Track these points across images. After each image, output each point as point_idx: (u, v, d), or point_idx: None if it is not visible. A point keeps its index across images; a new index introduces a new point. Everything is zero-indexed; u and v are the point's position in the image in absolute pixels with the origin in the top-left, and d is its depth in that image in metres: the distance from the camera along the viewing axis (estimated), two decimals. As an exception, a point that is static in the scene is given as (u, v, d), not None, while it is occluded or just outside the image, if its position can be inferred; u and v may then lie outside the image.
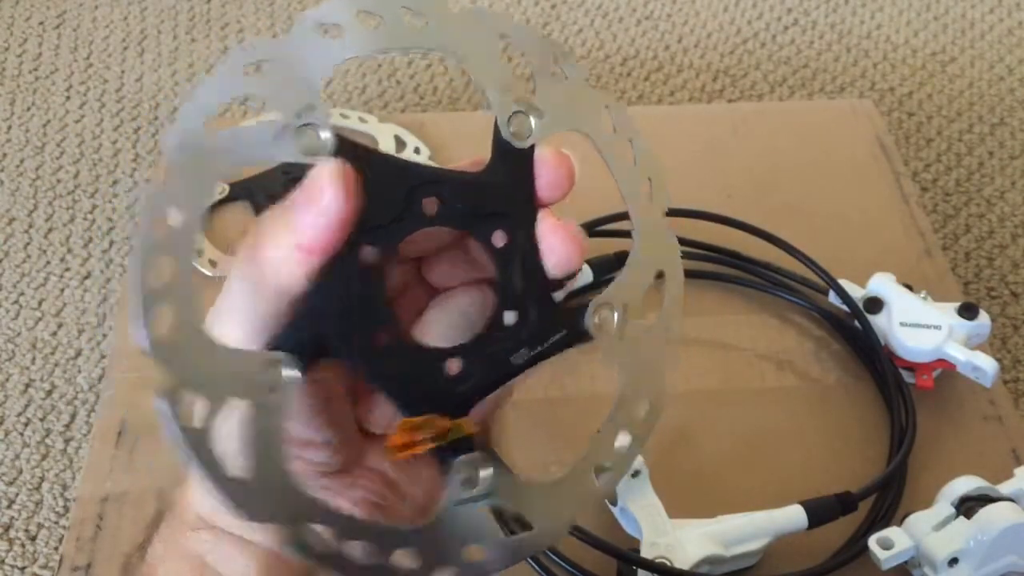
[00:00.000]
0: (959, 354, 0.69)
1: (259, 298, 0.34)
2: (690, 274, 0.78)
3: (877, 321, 0.72)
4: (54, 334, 0.92)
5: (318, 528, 0.33)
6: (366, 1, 0.34)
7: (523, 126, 0.36)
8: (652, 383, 0.38)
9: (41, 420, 0.86)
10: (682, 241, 0.79)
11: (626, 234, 0.36)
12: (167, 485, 0.40)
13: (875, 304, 0.72)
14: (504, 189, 0.36)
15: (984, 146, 1.12)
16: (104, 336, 0.92)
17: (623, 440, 0.37)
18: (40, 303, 0.95)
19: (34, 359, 0.90)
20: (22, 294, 0.96)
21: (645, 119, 1.00)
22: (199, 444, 0.32)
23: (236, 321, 0.34)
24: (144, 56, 1.23)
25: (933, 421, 0.70)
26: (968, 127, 1.14)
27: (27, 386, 0.88)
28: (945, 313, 0.71)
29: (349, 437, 0.38)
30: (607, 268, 0.74)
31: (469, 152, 0.37)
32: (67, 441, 0.84)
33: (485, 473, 0.36)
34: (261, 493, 0.32)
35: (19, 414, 0.86)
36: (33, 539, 0.79)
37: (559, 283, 0.37)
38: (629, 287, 0.37)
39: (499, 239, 0.36)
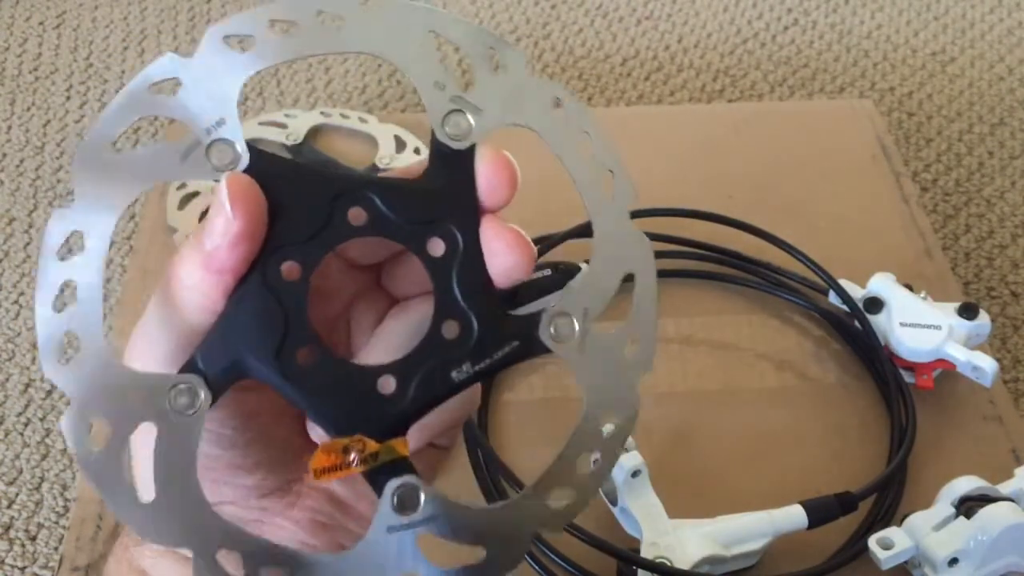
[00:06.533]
0: (959, 354, 0.69)
1: (173, 323, 0.33)
2: (690, 274, 0.78)
3: (877, 321, 0.72)
4: (54, 334, 0.92)
5: (233, 555, 0.32)
6: (277, 9, 0.33)
7: (460, 126, 0.33)
8: (621, 397, 0.34)
9: (41, 420, 0.86)
10: (683, 241, 0.80)
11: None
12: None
13: (875, 304, 0.72)
14: (442, 195, 0.34)
15: (984, 146, 1.12)
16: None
17: (588, 461, 0.34)
18: (40, 303, 0.95)
19: (34, 359, 0.90)
20: (22, 294, 0.96)
21: (645, 119, 1.00)
22: (104, 468, 0.31)
23: (151, 348, 0.33)
24: (144, 56, 1.23)
25: (933, 421, 0.70)
26: (968, 127, 1.14)
27: (27, 386, 0.88)
28: (945, 313, 0.71)
29: (284, 455, 0.37)
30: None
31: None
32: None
33: (424, 497, 0.33)
34: (169, 518, 0.32)
35: (19, 414, 0.86)
36: (33, 539, 0.79)
37: (511, 294, 0.34)
38: (590, 293, 0.34)
39: (436, 248, 0.34)
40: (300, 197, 0.33)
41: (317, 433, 0.35)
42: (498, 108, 0.34)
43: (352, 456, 0.33)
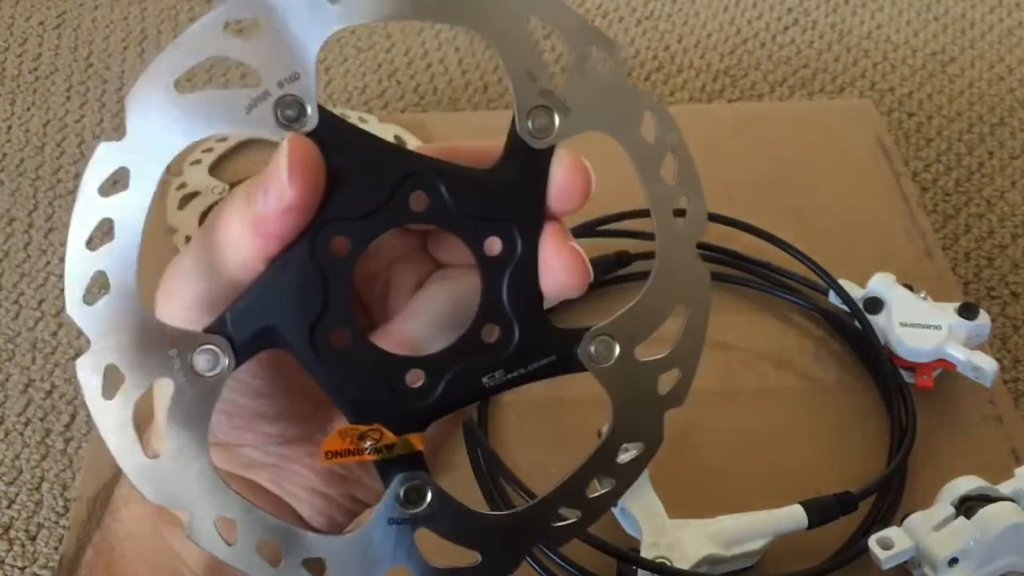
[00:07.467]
0: (959, 354, 0.69)
1: (211, 271, 0.32)
2: (690, 274, 0.78)
3: (877, 321, 0.72)
4: (54, 334, 0.92)
5: (228, 517, 0.32)
6: None
7: (544, 123, 0.31)
8: (646, 428, 0.34)
9: (41, 420, 0.86)
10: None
11: (630, 234, 0.33)
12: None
13: (875, 304, 0.72)
14: (510, 193, 0.32)
15: (984, 146, 1.12)
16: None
17: (599, 485, 0.34)
18: (40, 303, 0.95)
19: (34, 359, 0.90)
20: (22, 294, 0.96)
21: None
22: (113, 417, 0.31)
23: (184, 288, 0.32)
24: (144, 56, 1.23)
25: (933, 421, 0.69)
26: (968, 127, 1.14)
27: (27, 386, 0.88)
28: (945, 313, 0.70)
29: (310, 410, 0.36)
30: (607, 268, 0.74)
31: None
32: (67, 441, 0.84)
33: (430, 494, 0.33)
34: (171, 479, 0.31)
35: (19, 414, 0.86)
36: (33, 539, 0.79)
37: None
38: (638, 319, 0.33)
39: (493, 247, 0.32)
40: (365, 171, 0.31)
41: None
42: (587, 111, 0.32)
43: (367, 444, 0.32)
